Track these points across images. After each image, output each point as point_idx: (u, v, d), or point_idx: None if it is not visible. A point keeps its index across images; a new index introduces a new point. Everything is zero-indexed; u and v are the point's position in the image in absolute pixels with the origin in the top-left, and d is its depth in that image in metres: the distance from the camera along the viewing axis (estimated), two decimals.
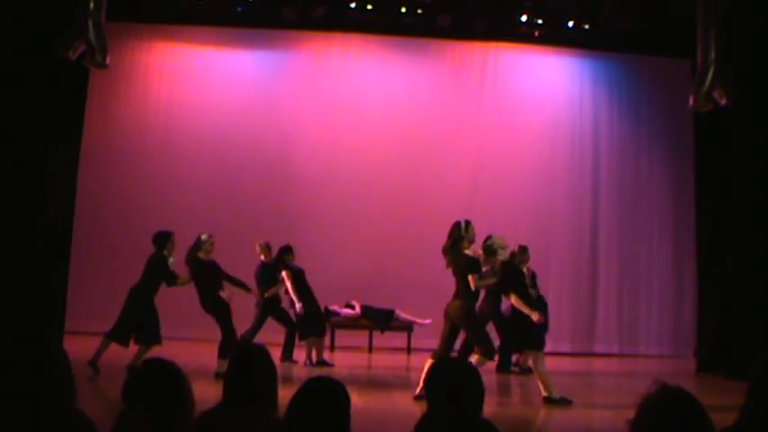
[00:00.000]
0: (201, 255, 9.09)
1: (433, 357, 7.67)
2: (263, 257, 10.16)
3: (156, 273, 9.02)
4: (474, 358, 7.65)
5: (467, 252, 7.97)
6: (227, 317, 8.98)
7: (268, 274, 10.01)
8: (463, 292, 7.87)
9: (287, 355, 10.01)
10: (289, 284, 9.91)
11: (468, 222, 8.10)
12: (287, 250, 10.10)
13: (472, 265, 7.88)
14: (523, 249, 9.97)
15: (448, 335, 7.94)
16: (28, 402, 2.33)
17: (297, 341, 10.03)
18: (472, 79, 12.70)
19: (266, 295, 9.89)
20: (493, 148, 12.51)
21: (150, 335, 8.73)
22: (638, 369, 10.87)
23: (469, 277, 7.79)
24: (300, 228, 12.04)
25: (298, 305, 9.82)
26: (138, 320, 8.83)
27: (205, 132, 12.30)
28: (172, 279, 9.02)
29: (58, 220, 10.01)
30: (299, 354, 10.01)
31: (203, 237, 9.15)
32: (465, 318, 7.90)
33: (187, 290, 11.86)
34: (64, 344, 5.97)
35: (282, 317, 10.06)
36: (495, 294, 9.45)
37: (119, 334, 8.73)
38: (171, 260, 9.04)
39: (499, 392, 8.53)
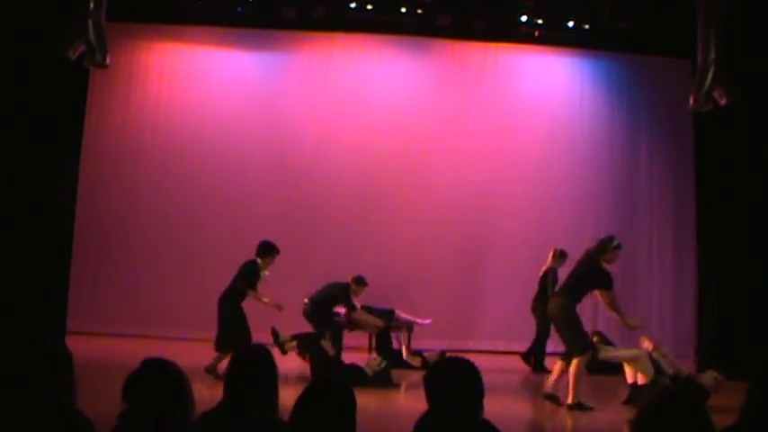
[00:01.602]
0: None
1: (563, 359, 7.83)
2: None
3: (246, 279, 8.97)
4: (574, 361, 7.69)
5: (605, 266, 7.97)
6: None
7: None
8: (569, 291, 7.95)
9: None
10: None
11: (619, 245, 8.15)
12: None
13: (608, 281, 7.88)
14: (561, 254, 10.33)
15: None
16: (28, 403, 2.33)
17: None
18: (472, 79, 12.70)
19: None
20: (493, 148, 12.50)
21: (230, 342, 8.55)
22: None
23: (601, 292, 7.84)
24: (301, 228, 12.04)
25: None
26: (235, 324, 8.70)
27: (206, 132, 12.29)
28: (252, 288, 8.98)
29: (58, 220, 10.01)
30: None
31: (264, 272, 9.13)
32: (562, 317, 7.89)
33: (187, 290, 11.90)
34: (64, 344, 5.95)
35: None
36: (544, 294, 9.82)
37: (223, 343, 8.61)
38: (265, 272, 9.02)
39: (499, 392, 8.53)
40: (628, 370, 8.02)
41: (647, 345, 8.46)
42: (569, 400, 7.69)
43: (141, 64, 12.44)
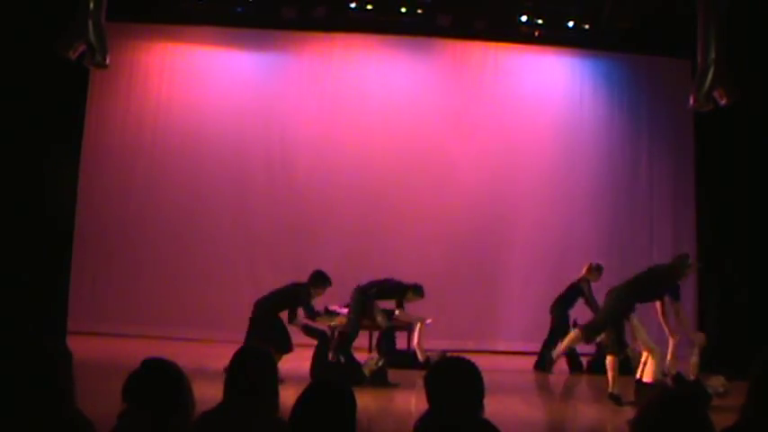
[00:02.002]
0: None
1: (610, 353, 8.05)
2: None
3: (295, 301, 8.95)
4: (608, 359, 7.98)
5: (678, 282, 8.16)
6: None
7: None
8: (629, 290, 8.14)
9: None
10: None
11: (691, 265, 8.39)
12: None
13: (678, 293, 8.09)
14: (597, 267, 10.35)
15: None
16: (28, 403, 2.33)
17: None
18: (472, 79, 12.70)
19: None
20: (493, 148, 12.50)
21: (280, 345, 8.58)
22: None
23: (672, 300, 8.03)
24: (301, 228, 12.04)
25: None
26: (273, 332, 8.71)
27: (206, 132, 12.30)
28: (311, 313, 9.03)
29: (59, 220, 10.01)
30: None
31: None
32: (611, 313, 8.05)
33: (188, 290, 11.90)
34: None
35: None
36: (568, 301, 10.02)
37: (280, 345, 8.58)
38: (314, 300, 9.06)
39: (499, 392, 8.53)
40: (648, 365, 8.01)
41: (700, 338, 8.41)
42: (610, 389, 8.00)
43: (141, 64, 12.44)
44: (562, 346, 8.98)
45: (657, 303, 8.31)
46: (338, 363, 9.13)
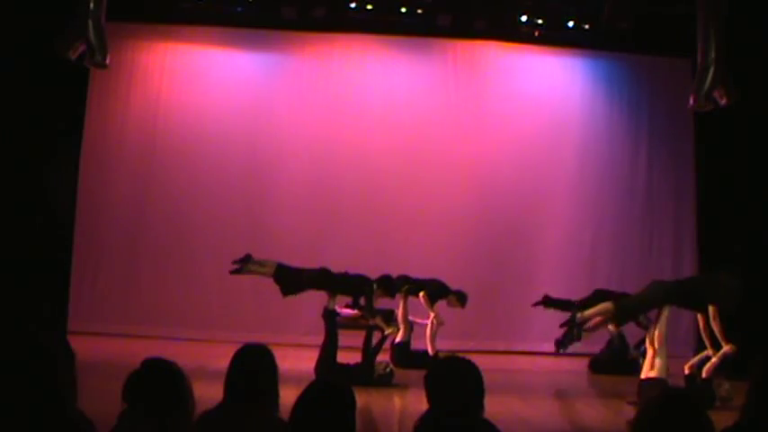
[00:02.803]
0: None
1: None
2: None
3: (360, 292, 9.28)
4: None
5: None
6: None
7: None
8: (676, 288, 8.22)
9: None
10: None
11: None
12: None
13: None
14: None
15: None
16: (28, 403, 2.33)
17: None
18: (472, 79, 12.69)
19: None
20: (493, 148, 12.50)
21: None
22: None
23: (712, 307, 7.99)
24: (301, 228, 12.04)
25: None
26: None
27: (205, 132, 12.29)
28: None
29: (59, 219, 10.01)
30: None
31: None
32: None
33: (188, 290, 11.90)
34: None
35: None
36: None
37: None
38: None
39: (499, 392, 8.53)
40: (646, 362, 7.95)
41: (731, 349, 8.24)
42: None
43: (141, 64, 12.43)
44: (592, 312, 8.43)
45: (699, 315, 8.18)
46: (345, 363, 9.13)
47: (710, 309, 7.97)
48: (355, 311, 11.13)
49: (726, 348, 8.07)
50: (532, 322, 11.61)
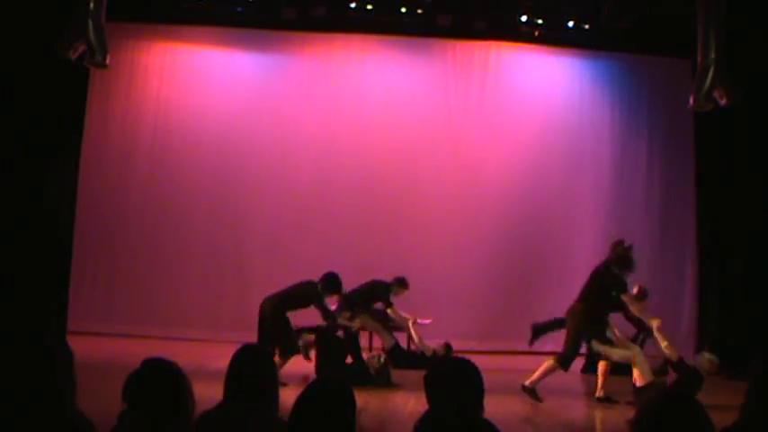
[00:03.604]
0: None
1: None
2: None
3: (304, 300, 8.83)
4: (548, 362, 7.90)
5: (616, 271, 8.08)
6: None
7: None
8: (587, 297, 8.03)
9: None
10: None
11: (630, 246, 8.26)
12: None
13: (623, 286, 8.01)
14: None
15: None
16: (28, 403, 2.33)
17: None
18: (472, 79, 12.69)
19: None
20: (493, 148, 12.50)
21: (287, 348, 8.58)
22: None
23: (624, 297, 8.00)
24: (302, 228, 12.04)
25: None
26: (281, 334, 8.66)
27: (205, 132, 12.29)
28: (330, 317, 8.93)
29: (59, 220, 10.01)
30: None
31: None
32: (580, 322, 7.97)
33: (188, 290, 11.90)
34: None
35: None
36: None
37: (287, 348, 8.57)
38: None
39: (499, 392, 8.53)
40: (634, 370, 7.99)
41: (656, 323, 8.37)
42: (527, 383, 7.92)
43: (141, 64, 12.43)
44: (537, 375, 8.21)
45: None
46: (343, 361, 9.12)
47: (624, 297, 8.02)
48: None
49: (655, 323, 8.24)
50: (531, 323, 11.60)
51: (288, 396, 2.85)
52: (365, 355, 9.47)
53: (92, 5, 8.12)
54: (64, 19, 8.36)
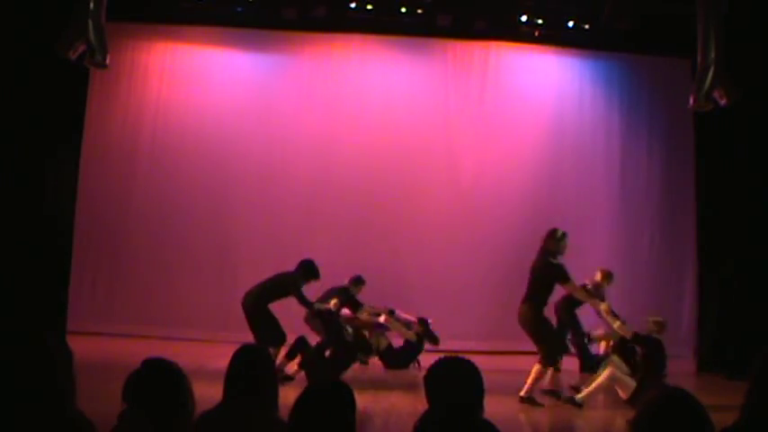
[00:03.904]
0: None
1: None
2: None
3: (282, 290, 8.89)
4: (536, 367, 7.90)
5: (553, 261, 8.04)
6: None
7: None
8: (532, 296, 8.04)
9: None
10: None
11: (564, 234, 8.16)
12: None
13: (562, 274, 7.96)
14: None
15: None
16: (28, 403, 2.33)
17: None
18: (472, 79, 12.69)
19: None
20: (493, 147, 12.50)
21: (274, 338, 8.63)
22: None
23: (566, 286, 8.00)
24: (300, 228, 12.03)
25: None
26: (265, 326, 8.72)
27: (205, 132, 12.29)
28: (307, 303, 8.94)
29: (59, 219, 10.02)
30: None
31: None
32: (533, 322, 7.98)
33: (188, 290, 11.90)
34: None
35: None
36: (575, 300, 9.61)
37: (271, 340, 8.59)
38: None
39: (499, 392, 8.53)
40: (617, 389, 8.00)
41: (603, 306, 8.43)
42: (522, 394, 7.92)
43: (141, 64, 12.43)
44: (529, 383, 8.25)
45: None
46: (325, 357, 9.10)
47: (566, 286, 8.07)
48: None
49: (603, 306, 8.39)
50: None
51: (288, 396, 2.85)
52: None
53: (92, 5, 8.12)
54: (64, 19, 8.36)
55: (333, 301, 9.36)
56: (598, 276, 9.98)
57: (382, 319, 10.16)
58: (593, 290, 9.99)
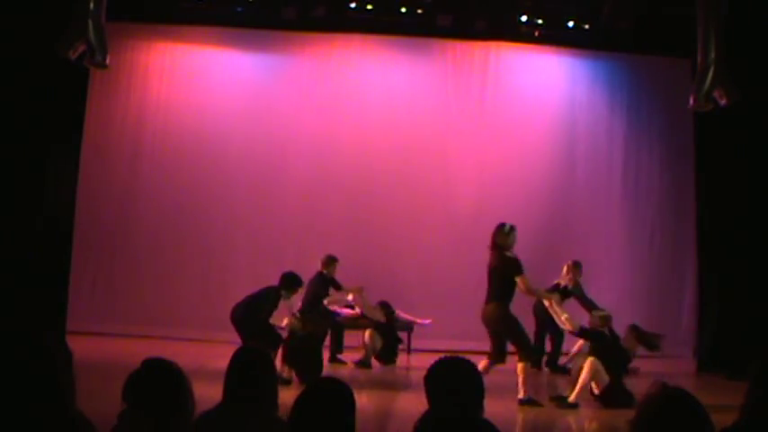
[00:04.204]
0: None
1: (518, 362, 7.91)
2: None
3: (265, 304, 8.89)
4: (519, 366, 7.82)
5: (507, 254, 7.99)
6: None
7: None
8: (496, 294, 7.93)
9: None
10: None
11: (512, 227, 8.12)
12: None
13: (516, 267, 7.90)
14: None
15: (494, 340, 8.01)
16: (28, 403, 2.33)
17: None
18: (473, 79, 12.69)
19: None
20: (493, 148, 12.50)
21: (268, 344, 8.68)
22: (639, 369, 10.84)
23: (518, 279, 7.86)
24: (300, 228, 12.04)
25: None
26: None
27: (205, 132, 12.29)
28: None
29: (58, 219, 10.01)
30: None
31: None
32: (501, 321, 7.90)
33: (188, 290, 11.89)
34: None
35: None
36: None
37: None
38: (285, 300, 8.97)
39: (499, 392, 8.53)
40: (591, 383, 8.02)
41: (554, 298, 8.58)
42: (521, 397, 7.86)
43: (141, 64, 12.43)
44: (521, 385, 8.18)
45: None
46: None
47: (518, 279, 7.94)
48: (355, 311, 11.17)
49: (554, 298, 8.56)
50: (531, 323, 11.60)
51: (288, 396, 2.85)
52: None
53: (92, 5, 8.12)
54: (64, 19, 8.36)
55: (350, 296, 10.00)
56: (566, 271, 10.03)
57: (350, 297, 10.23)
58: (573, 287, 10.08)
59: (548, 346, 10.77)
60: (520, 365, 7.86)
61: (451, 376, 2.88)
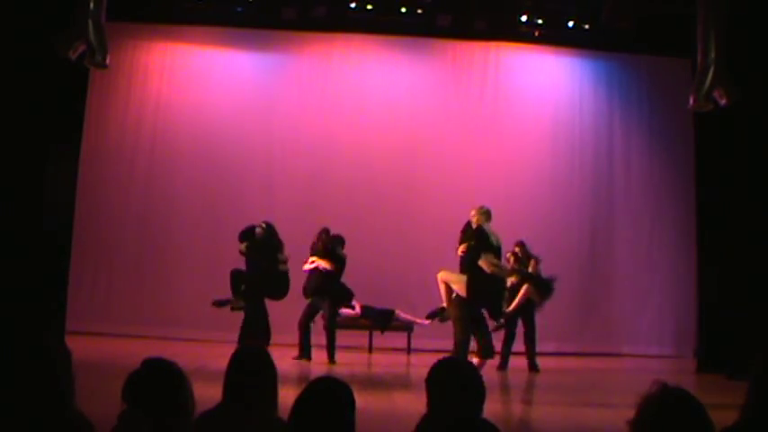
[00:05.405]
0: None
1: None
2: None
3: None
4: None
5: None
6: None
7: None
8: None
9: None
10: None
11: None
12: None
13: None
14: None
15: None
16: (27, 403, 2.33)
17: None
18: (472, 79, 12.70)
19: None
20: (493, 148, 12.51)
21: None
22: (639, 368, 10.86)
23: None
24: (300, 228, 12.03)
25: None
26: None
27: (205, 132, 12.30)
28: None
29: (58, 219, 10.01)
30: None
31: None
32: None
33: (187, 290, 11.90)
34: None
35: None
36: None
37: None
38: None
39: (499, 392, 8.54)
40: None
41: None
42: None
43: (141, 64, 12.44)
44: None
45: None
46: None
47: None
48: (356, 311, 11.18)
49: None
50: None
51: (288, 396, 2.85)
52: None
53: (92, 5, 8.12)
54: (64, 19, 8.36)
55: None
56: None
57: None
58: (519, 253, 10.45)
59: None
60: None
61: (452, 377, 2.88)
